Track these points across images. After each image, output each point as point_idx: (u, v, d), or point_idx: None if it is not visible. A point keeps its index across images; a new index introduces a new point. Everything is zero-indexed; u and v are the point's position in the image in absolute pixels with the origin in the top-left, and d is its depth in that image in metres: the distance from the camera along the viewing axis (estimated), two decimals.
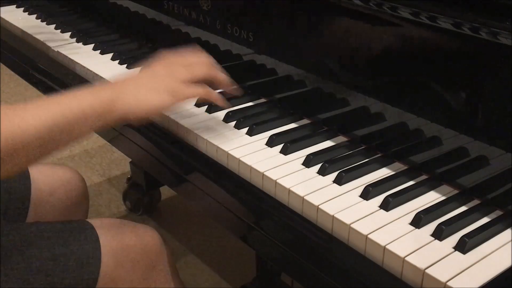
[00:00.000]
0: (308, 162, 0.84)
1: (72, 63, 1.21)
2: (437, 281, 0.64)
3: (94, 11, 1.45)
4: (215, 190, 0.87)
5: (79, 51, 1.25)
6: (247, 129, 0.93)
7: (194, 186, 0.91)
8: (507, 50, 0.69)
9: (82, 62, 1.19)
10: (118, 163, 2.22)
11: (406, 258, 0.67)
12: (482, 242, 0.70)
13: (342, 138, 0.92)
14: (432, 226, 0.72)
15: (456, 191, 0.79)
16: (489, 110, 0.75)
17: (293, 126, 0.96)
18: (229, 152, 0.87)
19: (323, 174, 0.82)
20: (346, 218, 0.73)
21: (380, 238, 0.69)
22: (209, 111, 0.99)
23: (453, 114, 0.79)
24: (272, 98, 1.04)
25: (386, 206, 0.75)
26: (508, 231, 0.72)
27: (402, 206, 0.76)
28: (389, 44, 0.84)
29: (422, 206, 0.76)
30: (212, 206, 0.88)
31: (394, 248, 0.68)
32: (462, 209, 0.76)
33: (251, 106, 1.01)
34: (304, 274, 0.76)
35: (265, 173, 0.82)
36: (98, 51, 1.24)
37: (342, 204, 0.76)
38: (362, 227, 0.71)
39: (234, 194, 0.85)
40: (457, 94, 0.77)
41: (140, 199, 1.91)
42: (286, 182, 0.80)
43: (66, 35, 1.34)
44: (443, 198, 0.78)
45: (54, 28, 1.39)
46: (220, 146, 0.88)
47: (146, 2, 1.26)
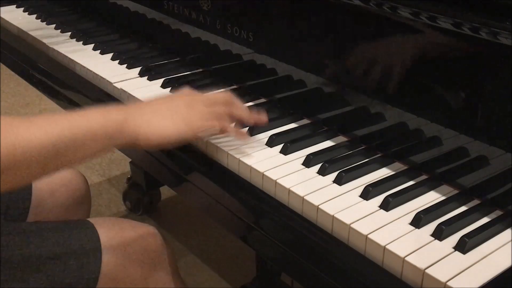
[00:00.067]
0: (308, 162, 0.84)
1: (72, 63, 1.21)
2: (437, 281, 0.64)
3: (94, 11, 1.45)
4: (215, 190, 0.87)
5: (79, 51, 1.25)
6: (247, 129, 0.93)
7: (194, 186, 0.91)
8: (507, 50, 0.69)
9: (82, 62, 1.19)
10: (118, 163, 2.22)
11: (406, 258, 0.67)
12: (482, 242, 0.70)
13: (342, 138, 0.92)
14: (432, 226, 0.72)
15: (456, 191, 0.79)
16: (489, 110, 0.75)
17: (293, 126, 0.95)
18: (229, 152, 0.87)
19: (323, 174, 0.82)
20: (346, 218, 0.73)
21: (380, 238, 0.69)
22: None
23: (453, 114, 0.79)
24: (272, 98, 1.04)
25: (386, 206, 0.75)
26: (508, 231, 0.72)
27: (402, 206, 0.76)
28: (389, 44, 0.84)
29: (422, 206, 0.76)
30: (212, 206, 0.88)
31: (394, 248, 0.68)
32: (462, 209, 0.76)
33: (251, 106, 1.01)
34: (304, 274, 0.76)
35: (265, 173, 0.82)
36: (98, 51, 1.24)
37: (342, 204, 0.76)
38: (362, 227, 0.71)
39: (234, 194, 0.85)
40: (457, 94, 0.77)
41: (140, 199, 1.91)
42: (286, 182, 0.80)
43: (66, 35, 1.34)
44: (443, 198, 0.78)
45: (54, 28, 1.39)
46: (220, 146, 0.88)
47: (146, 2, 1.26)
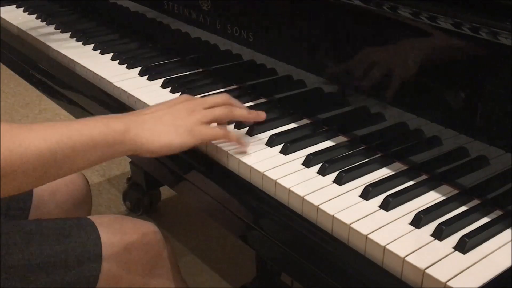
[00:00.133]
0: (308, 162, 0.84)
1: (72, 63, 1.21)
2: (437, 281, 0.64)
3: (94, 11, 1.45)
4: (215, 190, 0.87)
5: (79, 51, 1.25)
6: (247, 129, 0.93)
7: (194, 186, 0.91)
8: (507, 50, 0.69)
9: (82, 62, 1.19)
10: (118, 163, 2.22)
11: (406, 258, 0.67)
12: (482, 242, 0.70)
13: (342, 138, 0.92)
14: (432, 226, 0.72)
15: (456, 191, 0.79)
16: (489, 110, 0.75)
17: (293, 126, 0.95)
18: (229, 152, 0.87)
19: (323, 174, 0.82)
20: (346, 218, 0.73)
21: (380, 238, 0.69)
22: None
23: (453, 114, 0.79)
24: (272, 98, 1.04)
25: (386, 206, 0.75)
26: (508, 231, 0.72)
27: (402, 206, 0.76)
28: (389, 44, 0.84)
29: (422, 206, 0.76)
30: (212, 206, 0.88)
31: (394, 248, 0.68)
32: (462, 209, 0.76)
33: (251, 106, 1.01)
34: (304, 274, 0.76)
35: (265, 173, 0.82)
36: (98, 51, 1.24)
37: (342, 204, 0.76)
38: (362, 227, 0.71)
39: (234, 194, 0.85)
40: (457, 94, 0.77)
41: (140, 199, 1.91)
42: (286, 182, 0.80)
43: (66, 35, 1.34)
44: (443, 198, 0.78)
45: (54, 28, 1.39)
46: (220, 146, 0.88)
47: (146, 2, 1.26)
